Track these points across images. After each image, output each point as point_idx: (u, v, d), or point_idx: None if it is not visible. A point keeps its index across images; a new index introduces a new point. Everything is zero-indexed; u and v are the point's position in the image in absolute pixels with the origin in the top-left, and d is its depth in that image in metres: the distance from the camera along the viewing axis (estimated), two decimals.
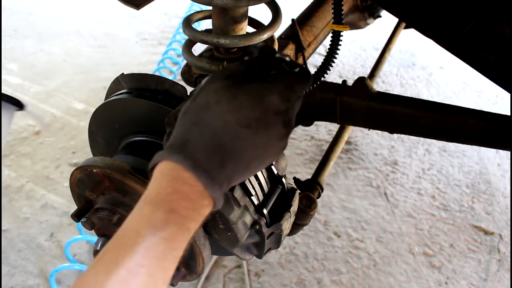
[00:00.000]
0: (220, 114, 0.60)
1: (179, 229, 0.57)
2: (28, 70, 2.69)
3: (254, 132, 0.60)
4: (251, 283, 1.63)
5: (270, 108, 0.62)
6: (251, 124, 0.60)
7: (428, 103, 1.15)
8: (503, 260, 1.78)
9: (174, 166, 0.59)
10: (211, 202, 0.60)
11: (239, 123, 0.60)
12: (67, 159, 2.08)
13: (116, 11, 3.34)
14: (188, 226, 0.58)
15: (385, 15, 1.78)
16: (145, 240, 0.55)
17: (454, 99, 2.67)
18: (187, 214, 0.58)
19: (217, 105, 0.61)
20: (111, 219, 0.91)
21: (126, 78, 0.97)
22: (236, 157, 0.61)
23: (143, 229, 0.56)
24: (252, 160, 0.63)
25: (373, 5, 1.83)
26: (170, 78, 1.36)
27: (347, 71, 2.87)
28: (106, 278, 0.52)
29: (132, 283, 0.53)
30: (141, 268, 0.54)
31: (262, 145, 0.62)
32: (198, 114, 0.62)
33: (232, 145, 0.60)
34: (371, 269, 1.71)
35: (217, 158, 0.60)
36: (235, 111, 0.60)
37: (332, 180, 2.06)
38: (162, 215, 0.56)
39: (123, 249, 0.55)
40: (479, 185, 2.11)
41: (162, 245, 0.55)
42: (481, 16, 0.84)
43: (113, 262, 0.54)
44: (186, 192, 0.58)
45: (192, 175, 0.58)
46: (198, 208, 0.59)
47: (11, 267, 1.63)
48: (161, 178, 0.60)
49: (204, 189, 0.59)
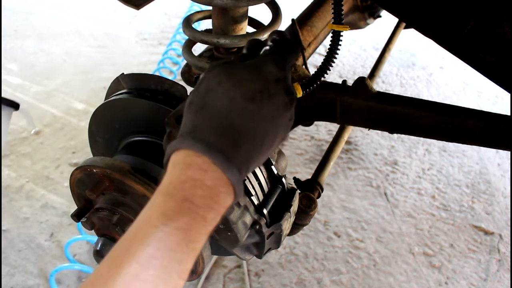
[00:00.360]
0: (224, 93, 0.60)
1: (194, 219, 0.54)
2: (28, 70, 2.69)
3: (259, 104, 0.60)
4: (251, 283, 1.63)
5: (270, 77, 0.62)
6: (255, 97, 0.60)
7: (428, 103, 1.15)
8: (503, 260, 1.78)
9: (186, 153, 0.57)
10: (230, 189, 0.57)
11: (244, 98, 0.59)
12: (67, 159, 2.08)
13: (116, 11, 3.34)
14: (204, 216, 0.55)
15: (385, 15, 1.78)
16: (157, 230, 0.52)
17: (454, 99, 2.67)
18: (202, 202, 0.55)
19: (219, 86, 0.61)
20: (111, 219, 0.91)
21: (126, 78, 0.97)
22: (248, 134, 0.59)
23: (155, 219, 0.53)
24: (265, 135, 0.61)
25: (373, 5, 1.83)
26: (170, 78, 1.36)
27: (347, 71, 2.87)
28: (118, 272, 0.50)
29: (144, 276, 0.50)
30: (154, 260, 0.51)
31: (270, 117, 0.61)
32: (203, 99, 0.61)
33: (242, 122, 0.59)
34: (371, 269, 1.71)
35: (230, 137, 0.58)
36: (238, 87, 0.60)
37: (332, 180, 2.06)
38: (174, 204, 0.54)
39: (134, 241, 0.53)
40: (479, 185, 2.11)
41: (176, 235, 0.52)
42: (481, 16, 0.84)
43: (124, 255, 0.52)
44: (200, 179, 0.55)
45: (206, 158, 0.56)
46: (215, 196, 0.56)
47: (11, 267, 1.63)
48: (174, 167, 0.57)
49: (221, 173, 0.56)
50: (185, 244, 0.53)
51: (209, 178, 0.55)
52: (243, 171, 0.59)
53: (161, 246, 0.52)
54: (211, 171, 0.56)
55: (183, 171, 0.56)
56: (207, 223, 0.55)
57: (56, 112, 2.36)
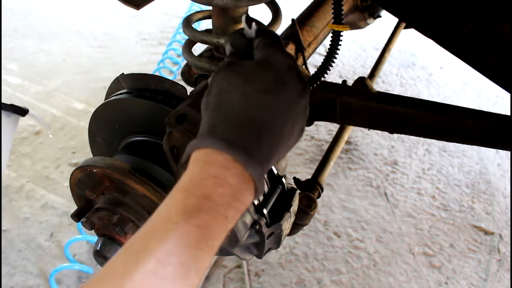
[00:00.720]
0: (237, 91, 0.59)
1: (214, 217, 0.53)
2: (28, 70, 2.69)
3: (275, 95, 0.60)
4: (251, 283, 1.63)
5: (280, 67, 0.62)
6: (270, 88, 0.59)
7: (428, 103, 1.15)
8: (503, 260, 1.78)
9: (206, 151, 0.56)
10: (252, 185, 0.56)
11: (258, 91, 0.59)
12: (67, 159, 2.08)
13: (116, 11, 3.34)
14: (225, 214, 0.54)
15: (385, 15, 1.78)
16: (177, 227, 0.51)
17: (454, 99, 2.67)
18: (223, 200, 0.54)
19: (231, 85, 0.60)
20: (111, 219, 0.91)
21: (126, 78, 0.97)
22: (267, 127, 0.58)
23: (175, 215, 0.52)
24: (284, 126, 0.61)
25: (373, 5, 1.83)
26: (170, 78, 1.36)
27: (347, 71, 2.87)
28: (135, 267, 0.49)
29: (162, 273, 0.49)
30: (173, 257, 0.50)
31: (287, 106, 0.61)
32: (217, 100, 0.61)
33: (259, 115, 0.58)
34: (371, 269, 1.71)
35: (249, 132, 0.57)
36: (251, 82, 0.60)
37: (332, 180, 2.06)
38: (195, 201, 0.53)
39: (153, 236, 0.52)
40: (479, 185, 2.11)
41: (196, 233, 0.51)
42: (481, 16, 0.84)
43: (142, 250, 0.51)
44: (222, 176, 0.54)
45: (228, 156, 0.55)
46: (238, 194, 0.55)
47: (11, 267, 1.63)
48: (194, 165, 0.56)
49: (243, 170, 0.55)
50: (204, 242, 0.52)
51: (230, 176, 0.55)
52: (264, 166, 0.58)
53: (180, 243, 0.51)
54: (233, 168, 0.55)
55: (204, 169, 0.55)
56: (227, 221, 0.55)
57: (56, 112, 2.36)
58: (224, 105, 0.59)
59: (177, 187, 0.56)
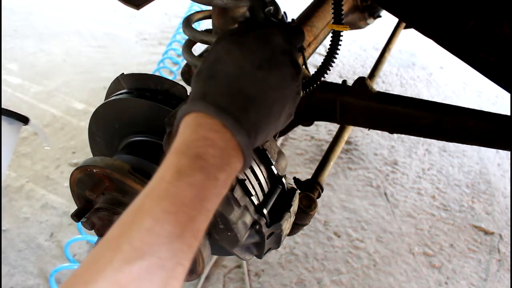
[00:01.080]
0: (234, 62, 0.62)
1: (206, 177, 0.54)
2: (28, 70, 2.69)
3: (267, 72, 0.62)
4: (251, 283, 1.63)
5: (277, 48, 0.65)
6: (263, 65, 0.62)
7: (428, 103, 1.15)
8: (503, 260, 1.78)
9: (197, 115, 0.58)
10: (239, 153, 0.58)
11: (253, 66, 0.61)
12: (67, 159, 2.08)
13: (116, 11, 3.34)
14: (217, 176, 0.54)
15: (385, 15, 1.78)
16: (171, 186, 0.52)
17: (454, 99, 2.67)
18: (214, 161, 0.55)
19: (229, 55, 0.63)
20: (111, 219, 0.91)
21: (126, 78, 0.97)
22: (256, 100, 0.61)
23: (169, 176, 0.53)
24: (273, 104, 0.63)
25: (373, 5, 1.83)
26: (170, 78, 1.36)
27: (347, 71, 2.87)
28: (130, 228, 0.50)
29: (159, 230, 0.49)
30: (168, 215, 0.50)
31: (277, 86, 0.63)
32: (212, 68, 0.63)
33: (250, 89, 0.61)
34: (371, 269, 1.71)
35: (239, 102, 0.59)
36: (247, 56, 0.62)
37: (332, 180, 2.06)
38: (187, 161, 0.54)
39: (148, 198, 0.52)
40: (479, 185, 2.11)
41: (190, 191, 0.52)
42: (481, 16, 0.84)
43: (138, 211, 0.52)
44: (212, 138, 0.56)
45: (217, 120, 0.57)
46: (227, 158, 0.56)
47: (11, 267, 1.63)
48: (185, 128, 0.58)
49: (231, 136, 0.57)
50: (198, 201, 0.53)
51: (220, 139, 0.56)
52: (252, 136, 0.60)
53: (175, 201, 0.51)
54: (222, 132, 0.57)
55: (195, 131, 0.57)
56: (219, 183, 0.55)
57: (56, 112, 2.36)
58: (218, 74, 0.62)
59: (170, 151, 0.57)
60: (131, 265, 0.47)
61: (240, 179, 0.82)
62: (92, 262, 0.50)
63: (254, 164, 0.88)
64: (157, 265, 0.48)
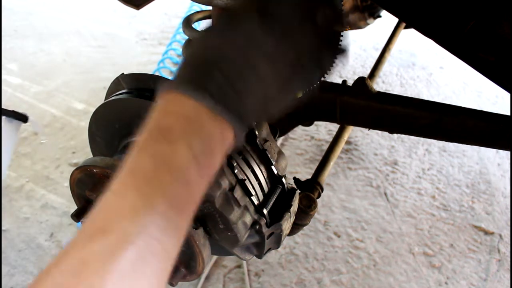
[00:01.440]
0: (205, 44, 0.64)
1: (170, 144, 0.53)
2: (28, 70, 2.69)
3: (228, 34, 0.62)
4: (251, 283, 1.63)
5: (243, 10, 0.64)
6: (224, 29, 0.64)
7: (428, 103, 1.15)
8: (503, 260, 1.78)
9: (161, 96, 0.60)
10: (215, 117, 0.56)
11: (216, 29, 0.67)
12: (67, 159, 2.08)
13: (116, 11, 3.34)
14: (189, 143, 0.54)
15: (385, 15, 1.78)
16: (131, 161, 0.54)
17: (454, 99, 2.67)
18: (180, 130, 0.55)
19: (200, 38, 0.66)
20: None
21: (126, 78, 0.96)
22: (218, 63, 0.59)
23: (131, 154, 0.55)
24: (246, 62, 0.59)
25: (373, 5, 1.83)
26: (170, 78, 1.36)
27: (347, 71, 2.86)
28: (96, 209, 0.51)
29: (119, 205, 0.50)
30: (130, 188, 0.51)
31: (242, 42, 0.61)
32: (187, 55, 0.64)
33: (209, 55, 0.60)
34: (371, 269, 1.71)
35: (200, 69, 0.59)
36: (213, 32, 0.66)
37: (332, 180, 2.06)
38: (147, 135, 0.56)
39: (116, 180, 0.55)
40: (479, 185, 2.11)
41: (149, 162, 0.53)
42: (481, 16, 0.84)
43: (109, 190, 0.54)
44: (172, 110, 0.57)
45: (177, 91, 0.57)
46: (196, 124, 0.55)
47: (11, 267, 1.63)
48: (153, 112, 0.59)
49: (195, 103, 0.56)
50: (164, 170, 0.51)
51: (179, 106, 0.56)
52: (227, 97, 0.57)
53: (134, 173, 0.52)
54: (182, 101, 0.56)
55: (158, 107, 0.58)
56: (191, 149, 0.53)
57: (56, 112, 2.36)
58: (189, 57, 0.63)
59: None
60: (92, 242, 0.47)
61: (240, 179, 0.82)
62: (66, 246, 0.51)
63: (254, 164, 0.88)
64: (122, 240, 0.47)
